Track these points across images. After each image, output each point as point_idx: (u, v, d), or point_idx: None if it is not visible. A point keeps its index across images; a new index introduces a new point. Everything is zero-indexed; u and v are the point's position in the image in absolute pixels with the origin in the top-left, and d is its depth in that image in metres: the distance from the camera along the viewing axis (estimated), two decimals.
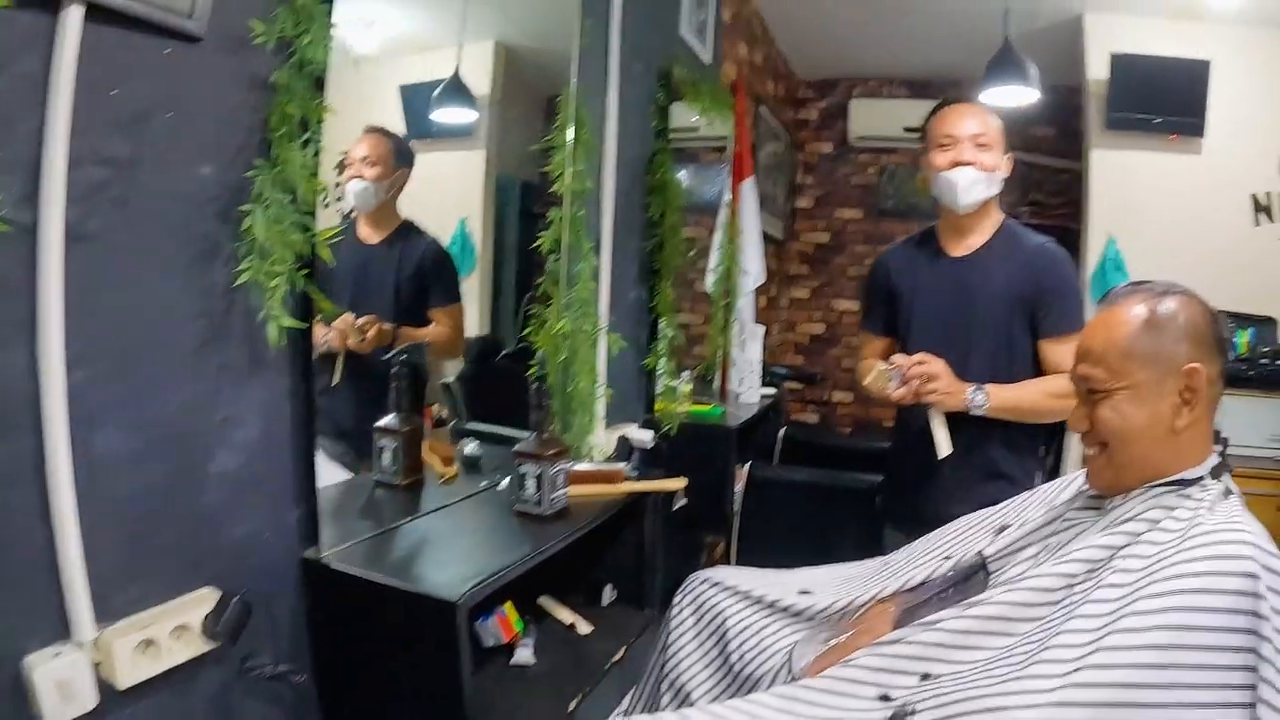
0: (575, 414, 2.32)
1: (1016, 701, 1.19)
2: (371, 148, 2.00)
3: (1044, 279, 2.29)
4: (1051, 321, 2.27)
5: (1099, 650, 1.17)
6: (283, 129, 1.34)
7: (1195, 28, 4.69)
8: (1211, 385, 1.38)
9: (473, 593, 1.40)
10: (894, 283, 2.48)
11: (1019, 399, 2.25)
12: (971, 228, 2.37)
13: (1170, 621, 1.16)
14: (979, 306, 2.31)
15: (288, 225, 1.34)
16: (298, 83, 1.36)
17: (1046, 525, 1.59)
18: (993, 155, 2.29)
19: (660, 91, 3.05)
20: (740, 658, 1.78)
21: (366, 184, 1.98)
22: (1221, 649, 1.14)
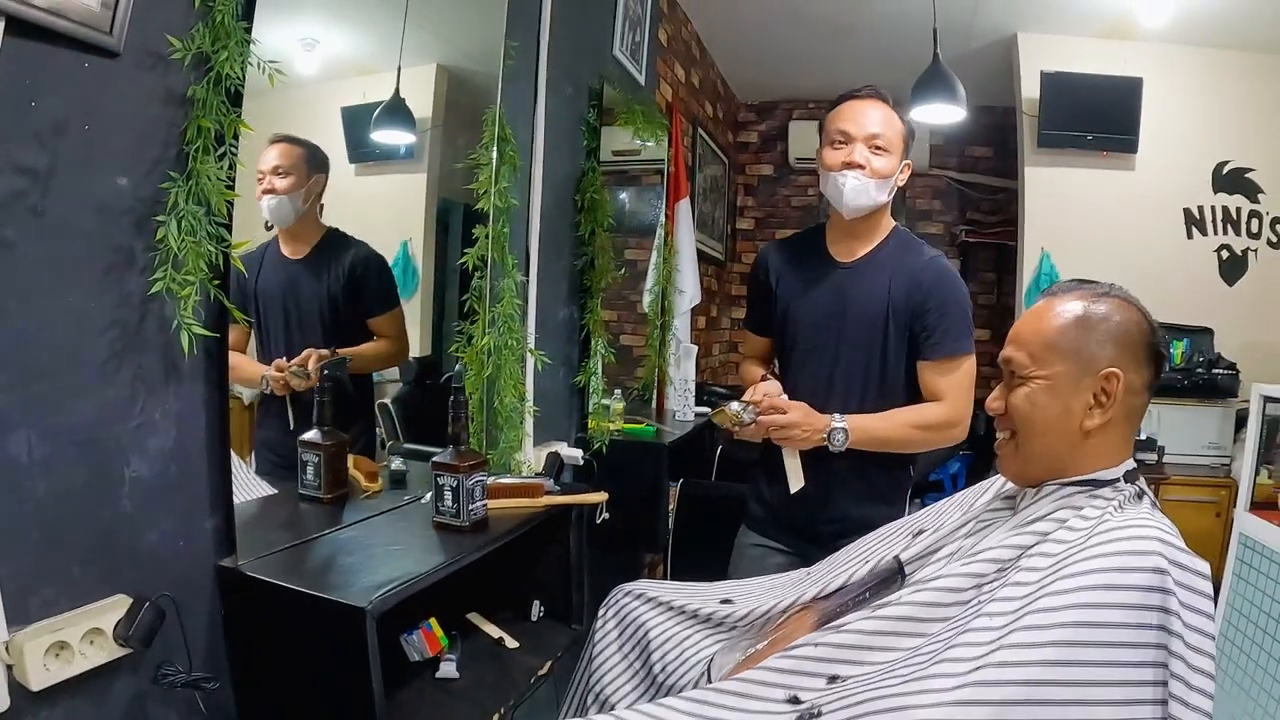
0: (502, 430, 2.34)
1: (918, 701, 1.19)
2: (281, 156, 1.92)
3: (929, 296, 2.19)
4: (931, 343, 2.19)
5: (1002, 648, 1.18)
6: (198, 142, 1.36)
7: (1126, 47, 4.85)
8: (1132, 394, 1.41)
9: (383, 599, 1.41)
10: (772, 282, 2.39)
11: (883, 433, 2.18)
12: (859, 233, 2.28)
13: (1076, 618, 1.17)
14: (855, 318, 2.23)
15: (201, 236, 1.35)
16: (214, 97, 1.37)
17: (962, 527, 1.61)
18: (888, 160, 2.18)
19: (591, 111, 3.08)
20: (663, 668, 1.80)
21: (280, 198, 1.92)
22: (1130, 645, 1.15)
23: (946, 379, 2.20)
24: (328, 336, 1.99)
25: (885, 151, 2.18)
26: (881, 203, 2.23)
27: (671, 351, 3.94)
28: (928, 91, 4.09)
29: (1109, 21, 4.75)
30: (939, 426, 2.19)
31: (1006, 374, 1.50)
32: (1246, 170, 4.93)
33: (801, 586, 1.81)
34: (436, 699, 1.77)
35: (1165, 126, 4.90)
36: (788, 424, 2.12)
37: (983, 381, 2.11)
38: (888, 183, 2.20)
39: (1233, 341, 4.70)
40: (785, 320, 2.35)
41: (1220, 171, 4.95)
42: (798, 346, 2.31)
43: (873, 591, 1.63)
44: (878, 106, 2.22)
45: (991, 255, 6.48)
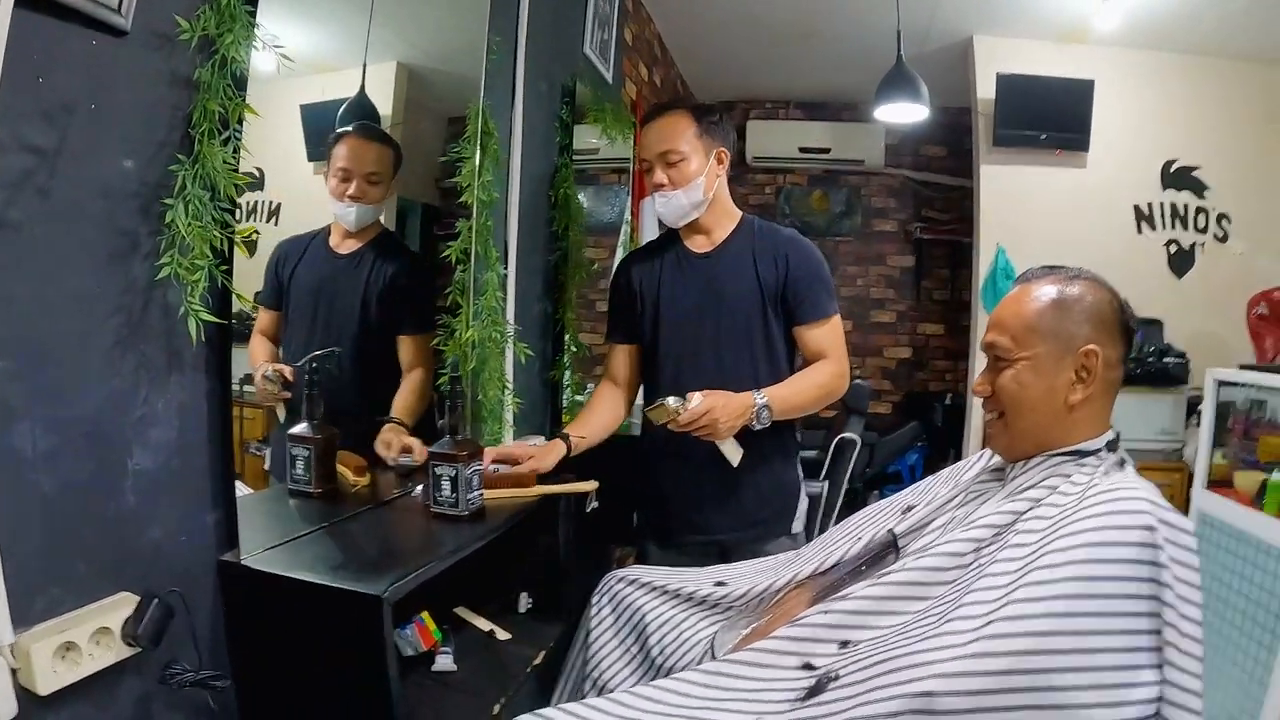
0: (485, 422, 2.33)
1: (936, 656, 1.25)
2: (378, 161, 1.94)
3: (794, 268, 2.29)
4: (805, 309, 2.29)
5: (1010, 603, 1.24)
6: (204, 125, 1.34)
7: (1079, 50, 4.98)
8: (1109, 368, 1.47)
9: (398, 588, 1.39)
10: (635, 287, 2.42)
11: (797, 399, 2.25)
12: (708, 226, 2.37)
13: (1077, 573, 1.22)
14: (729, 301, 2.30)
15: (207, 221, 1.33)
16: (219, 81, 1.35)
17: (952, 499, 1.66)
18: (687, 167, 2.25)
19: (564, 108, 3.08)
20: (661, 651, 1.81)
21: (369, 208, 1.92)
22: (1126, 596, 1.21)
23: (828, 337, 2.33)
24: (354, 342, 1.97)
25: (681, 159, 2.25)
26: (701, 200, 2.30)
27: None
28: (892, 91, 4.13)
29: (1062, 25, 4.85)
30: (835, 379, 2.32)
31: (991, 359, 1.56)
32: (1193, 168, 5.07)
33: (795, 565, 1.84)
34: (437, 693, 1.75)
35: (1116, 126, 5.03)
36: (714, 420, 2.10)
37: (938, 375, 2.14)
38: (696, 183, 2.27)
39: (1182, 332, 4.81)
40: (656, 318, 2.39)
41: (1168, 169, 5.08)
42: (674, 341, 2.35)
43: (869, 564, 1.67)
44: (660, 121, 2.31)
45: (946, 252, 6.61)
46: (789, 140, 6.53)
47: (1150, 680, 1.20)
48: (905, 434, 5.68)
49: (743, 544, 2.29)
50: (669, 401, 2.07)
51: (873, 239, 6.80)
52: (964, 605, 1.31)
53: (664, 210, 2.31)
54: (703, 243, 2.38)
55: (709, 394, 2.11)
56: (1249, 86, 5.02)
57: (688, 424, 2.08)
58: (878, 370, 6.82)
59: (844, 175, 6.69)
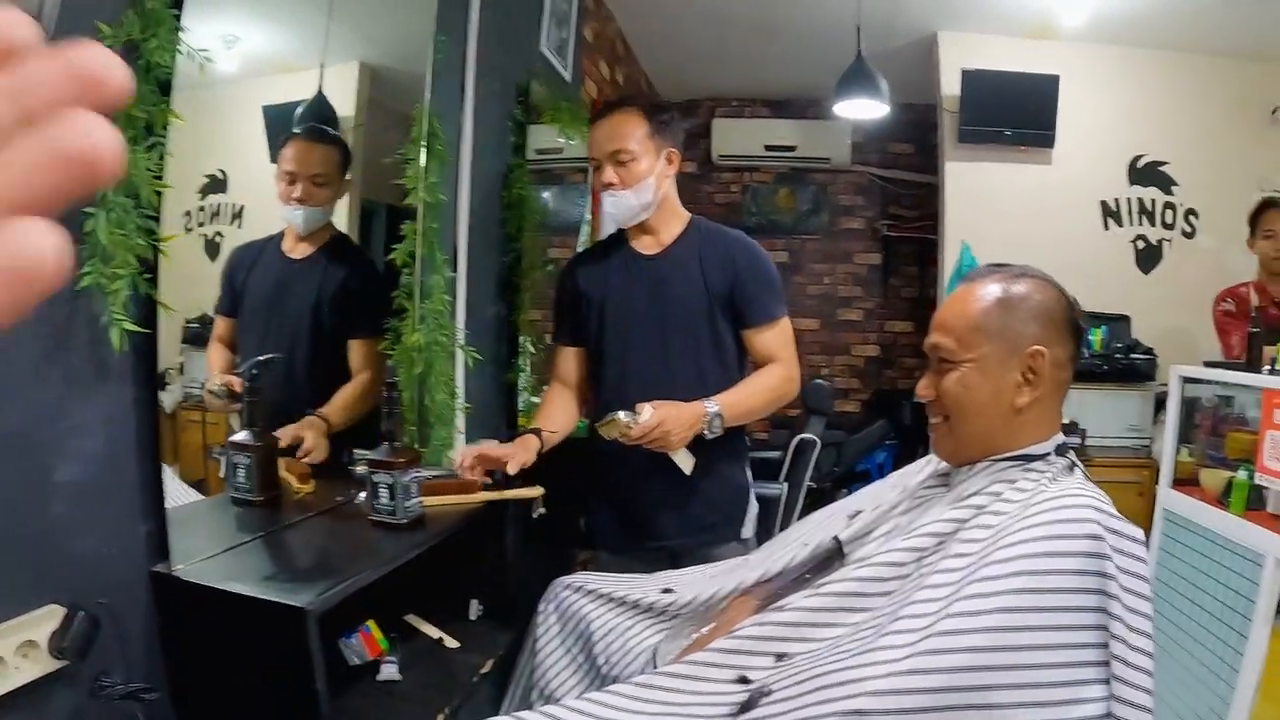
0: (434, 428, 2.30)
1: (868, 673, 1.21)
2: (323, 162, 1.90)
3: (742, 270, 2.27)
4: (754, 311, 2.27)
5: (946, 618, 1.21)
6: (128, 132, 1.31)
7: (1044, 45, 4.96)
8: (1058, 369, 1.45)
9: (324, 599, 1.38)
10: (582, 288, 2.39)
11: (749, 405, 2.24)
12: (656, 227, 2.34)
13: (1018, 585, 1.19)
14: (676, 305, 2.27)
15: (130, 229, 1.31)
16: (144, 86, 1.34)
17: (897, 505, 1.63)
18: (637, 167, 2.22)
19: (518, 108, 3.06)
20: (606, 660, 1.80)
21: (316, 210, 1.89)
22: (1071, 609, 1.18)
23: (777, 340, 2.32)
24: (306, 348, 1.95)
25: (631, 158, 2.22)
26: (651, 201, 2.27)
27: None
28: (851, 87, 4.12)
29: (1028, 21, 4.85)
30: (786, 383, 2.31)
31: (934, 361, 1.53)
32: (1161, 164, 5.05)
33: (741, 572, 1.81)
34: (380, 702, 1.73)
35: (1082, 122, 5.02)
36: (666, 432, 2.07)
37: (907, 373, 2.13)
38: (646, 184, 2.24)
39: (1149, 328, 4.80)
40: (602, 321, 2.35)
41: (1135, 165, 5.07)
42: (620, 345, 2.32)
43: (813, 572, 1.64)
44: (611, 119, 2.28)
45: (913, 249, 6.58)
46: (755, 138, 6.49)
47: (1096, 697, 1.16)
48: (873, 432, 5.68)
49: (692, 550, 2.27)
50: (619, 416, 2.04)
51: (840, 237, 6.77)
52: (900, 619, 1.27)
53: (613, 210, 2.29)
54: (650, 244, 2.35)
55: (659, 406, 2.08)
56: (1216, 82, 5.01)
57: (639, 438, 2.06)
58: (846, 368, 6.80)
59: (810, 173, 6.66)
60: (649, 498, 2.29)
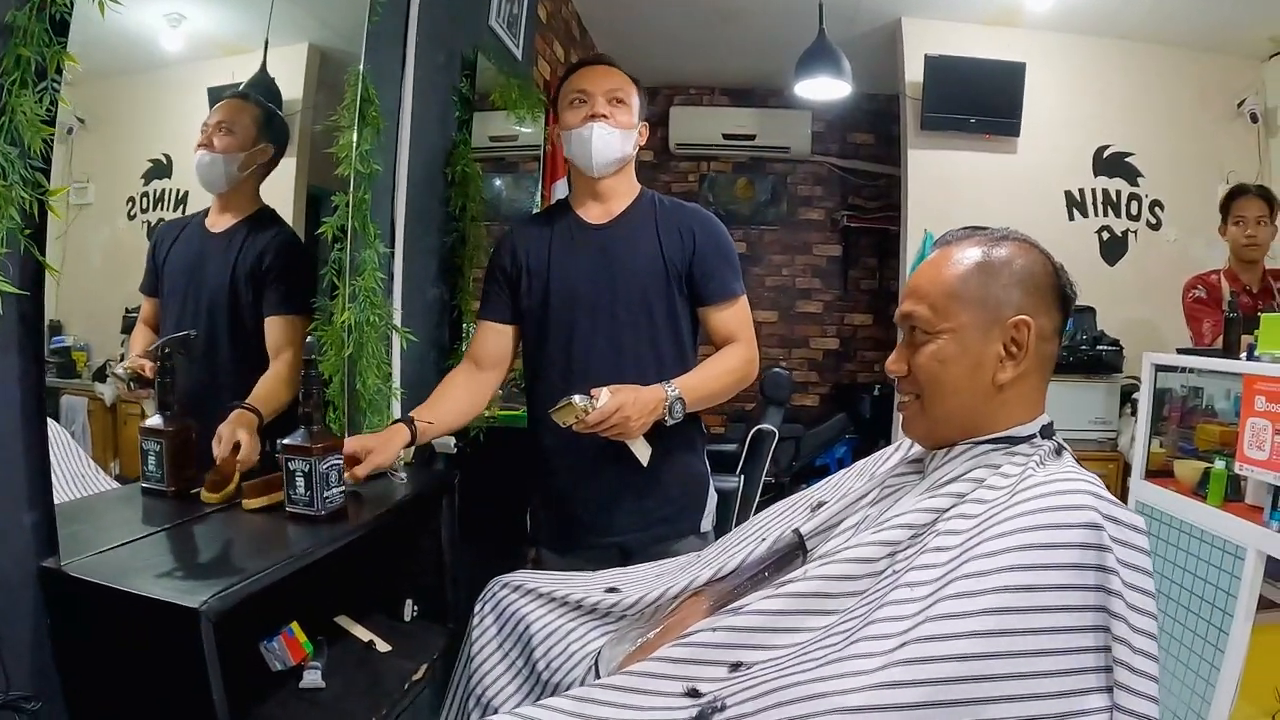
0: (365, 414, 2.15)
1: (837, 686, 1.06)
2: (227, 112, 1.78)
3: (700, 243, 2.16)
4: (713, 288, 2.16)
5: (927, 621, 1.06)
6: (15, 74, 1.17)
7: (1009, 33, 4.97)
8: (1043, 341, 1.32)
9: (221, 598, 1.22)
10: (520, 259, 2.21)
11: (710, 389, 2.10)
12: (610, 193, 2.21)
13: (1009, 582, 1.05)
14: (628, 277, 2.13)
15: (14, 180, 1.17)
16: (36, 25, 1.19)
17: (865, 496, 1.50)
18: (628, 114, 2.15)
19: (464, 81, 2.92)
20: (547, 665, 1.66)
21: (214, 156, 1.75)
22: (1069, 608, 1.04)
23: (736, 318, 2.20)
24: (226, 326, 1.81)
25: (624, 105, 2.15)
26: (629, 155, 2.19)
27: None
28: (813, 66, 4.03)
29: (993, 7, 4.84)
30: (746, 365, 2.18)
31: (906, 331, 1.39)
32: (1126, 154, 5.09)
33: (692, 570, 1.68)
34: (301, 712, 1.59)
35: (1047, 111, 5.03)
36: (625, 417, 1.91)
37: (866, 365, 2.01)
38: (631, 135, 2.17)
39: (1114, 319, 4.75)
40: (545, 296, 2.19)
41: (1101, 155, 5.10)
42: (565, 319, 2.16)
43: (772, 569, 1.52)
44: (605, 68, 2.20)
45: (873, 240, 6.58)
46: (713, 127, 6.46)
47: (1099, 706, 1.02)
48: (833, 426, 5.60)
49: (647, 545, 2.12)
50: (575, 400, 1.88)
51: (799, 228, 6.73)
52: (874, 623, 1.13)
53: (596, 140, 2.11)
54: (599, 213, 2.20)
55: (617, 390, 1.92)
56: (1181, 74, 5.07)
57: (596, 424, 1.89)
58: (804, 361, 6.75)
59: (769, 163, 6.62)
60: (600, 491, 2.14)
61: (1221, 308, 3.65)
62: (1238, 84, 5.05)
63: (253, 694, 1.57)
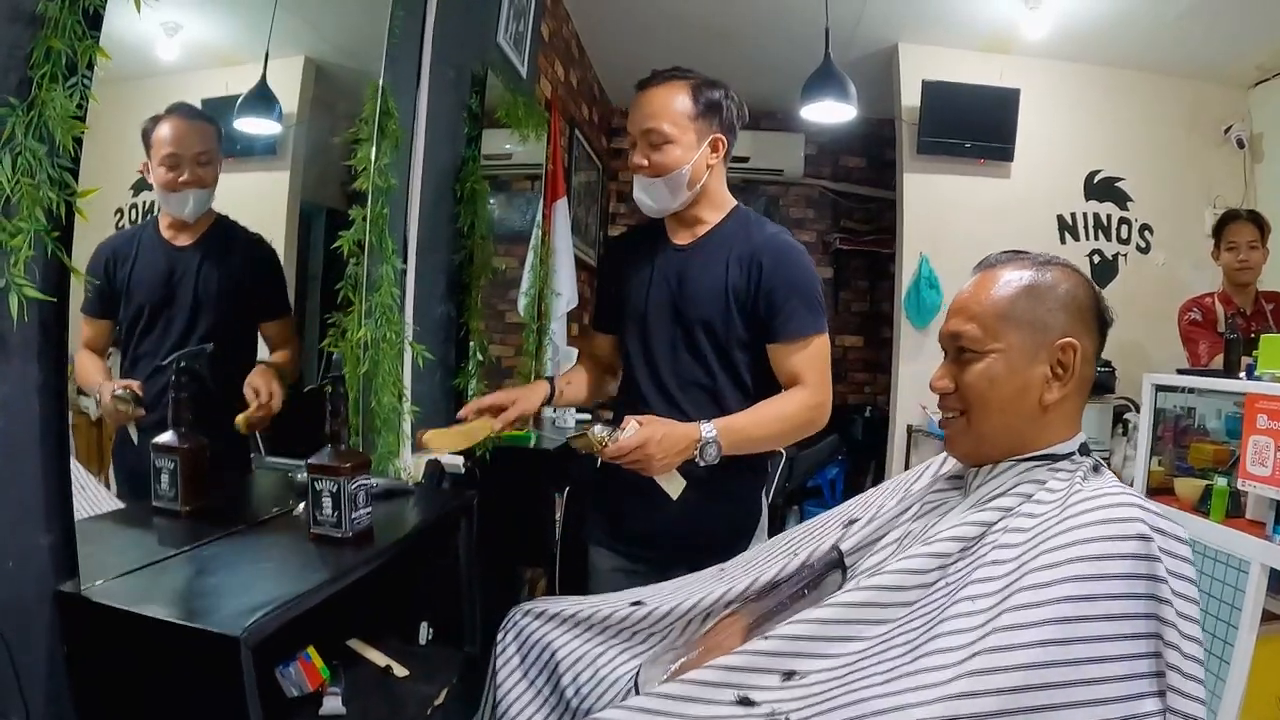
0: (379, 433, 2.10)
1: (913, 699, 1.08)
2: (203, 139, 1.70)
3: (769, 276, 1.99)
4: (780, 323, 1.98)
5: (994, 633, 1.08)
6: (46, 68, 1.13)
7: (1005, 59, 5.02)
8: (1086, 363, 1.33)
9: (260, 624, 1.17)
10: (614, 274, 2.20)
11: (757, 432, 1.95)
12: (693, 218, 2.10)
13: (1069, 593, 1.07)
14: (693, 304, 2.03)
15: (41, 179, 1.11)
16: (68, 17, 1.15)
17: (905, 512, 1.50)
18: (672, 151, 1.99)
19: (474, 98, 2.88)
20: (576, 692, 1.61)
21: (205, 192, 1.70)
22: (1124, 617, 1.07)
23: (803, 359, 2.00)
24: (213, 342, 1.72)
25: (667, 141, 1.99)
26: (681, 192, 2.04)
27: (549, 357, 3.75)
28: (819, 90, 4.03)
29: (989, 34, 4.89)
30: (807, 411, 2.01)
31: (953, 350, 1.40)
32: (1117, 179, 5.16)
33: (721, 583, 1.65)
34: None
35: (1040, 136, 5.08)
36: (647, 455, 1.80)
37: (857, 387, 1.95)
38: (679, 174, 2.01)
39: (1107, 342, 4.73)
40: (623, 308, 2.16)
41: (1092, 180, 5.17)
42: (637, 335, 2.12)
43: (811, 586, 1.50)
44: (651, 92, 2.05)
45: (865, 263, 6.58)
46: None
47: (1152, 711, 1.04)
48: (824, 448, 5.54)
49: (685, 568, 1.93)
50: (595, 430, 1.81)
51: None
52: (939, 636, 1.14)
53: (642, 197, 2.06)
54: (684, 235, 2.12)
55: (647, 423, 1.82)
56: (1171, 100, 5.16)
57: (614, 456, 1.81)
58: None
59: (763, 184, 6.58)
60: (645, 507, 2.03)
61: (1217, 330, 3.77)
62: (1224, 111, 5.14)
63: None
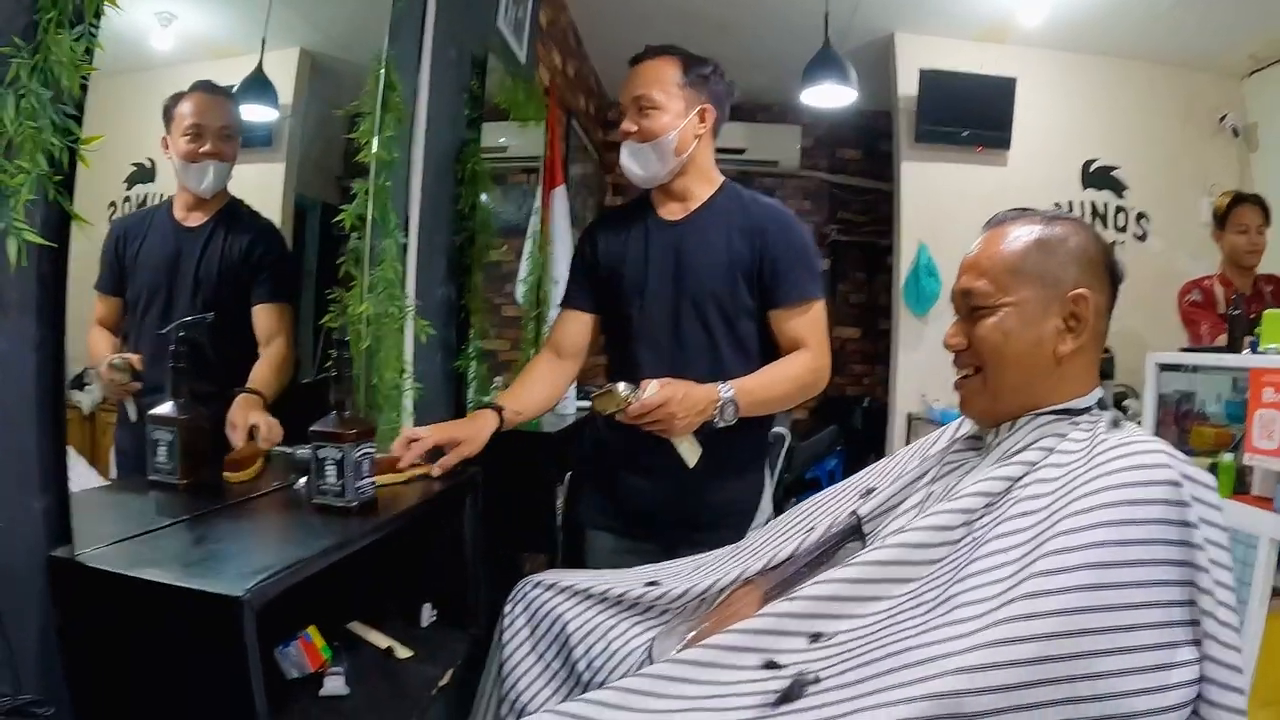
0: (381, 410, 2.06)
1: (948, 649, 1.05)
2: (227, 115, 1.71)
3: (771, 243, 2.05)
4: (783, 290, 2.05)
5: (1030, 578, 1.07)
6: (52, 12, 1.08)
7: (1000, 49, 5.07)
8: (1099, 316, 1.34)
9: (263, 587, 1.12)
10: (599, 253, 2.19)
11: (768, 393, 2.00)
12: (682, 191, 2.14)
13: (1102, 538, 1.06)
14: (696, 275, 2.06)
15: (45, 123, 1.07)
16: None
17: (924, 475, 1.48)
18: (660, 117, 2.04)
19: (475, 80, 2.84)
20: (588, 665, 1.57)
21: (226, 165, 1.71)
22: (1158, 563, 1.06)
23: (804, 323, 2.08)
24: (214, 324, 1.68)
25: (655, 109, 2.05)
26: (668, 159, 2.08)
27: None
28: (819, 73, 4.04)
29: (985, 23, 4.91)
30: (811, 374, 2.08)
31: (965, 308, 1.42)
32: (1113, 168, 5.18)
33: (740, 561, 1.63)
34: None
35: (1037, 125, 5.11)
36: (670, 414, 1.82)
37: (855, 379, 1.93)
38: (668, 139, 2.05)
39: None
40: (615, 288, 2.15)
41: (1088, 169, 5.19)
42: (632, 317, 2.11)
43: (829, 554, 1.48)
44: (646, 65, 2.11)
45: (862, 254, 6.56)
46: None
47: (1189, 659, 1.04)
48: (824, 438, 5.53)
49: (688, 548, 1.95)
50: (619, 388, 1.80)
51: None
52: (971, 588, 1.12)
53: (628, 163, 2.09)
54: (675, 210, 2.15)
55: (667, 384, 1.83)
56: (1166, 90, 5.19)
57: (638, 416, 1.81)
58: None
59: (759, 176, 6.53)
60: (646, 486, 2.08)
61: (1217, 311, 3.81)
62: (1219, 100, 5.18)
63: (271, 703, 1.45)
